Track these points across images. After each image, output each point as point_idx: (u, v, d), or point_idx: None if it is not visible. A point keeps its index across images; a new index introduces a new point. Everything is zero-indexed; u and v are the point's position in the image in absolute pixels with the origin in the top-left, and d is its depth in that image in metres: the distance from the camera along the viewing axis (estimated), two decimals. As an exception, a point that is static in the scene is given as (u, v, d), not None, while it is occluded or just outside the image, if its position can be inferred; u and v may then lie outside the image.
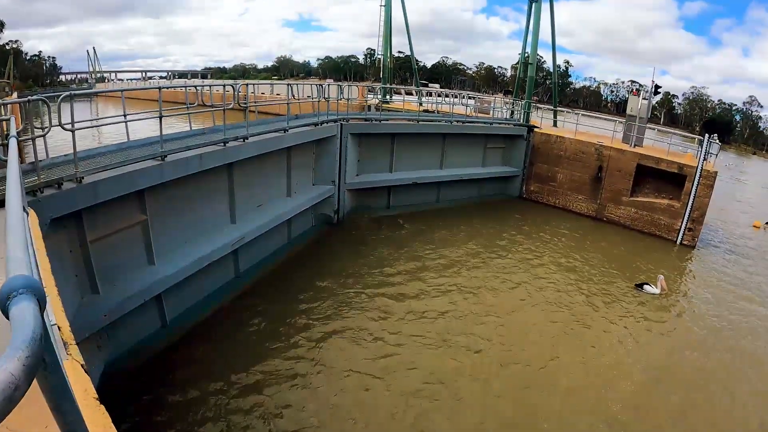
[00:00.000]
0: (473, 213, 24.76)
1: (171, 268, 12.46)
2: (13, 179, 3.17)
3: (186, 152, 12.99)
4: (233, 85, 16.28)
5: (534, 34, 32.19)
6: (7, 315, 1.30)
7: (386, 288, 15.87)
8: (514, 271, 17.97)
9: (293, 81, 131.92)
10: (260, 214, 16.46)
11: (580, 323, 14.73)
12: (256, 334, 13.23)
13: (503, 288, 16.58)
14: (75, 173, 9.91)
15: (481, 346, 13.15)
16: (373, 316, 14.24)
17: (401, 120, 25.24)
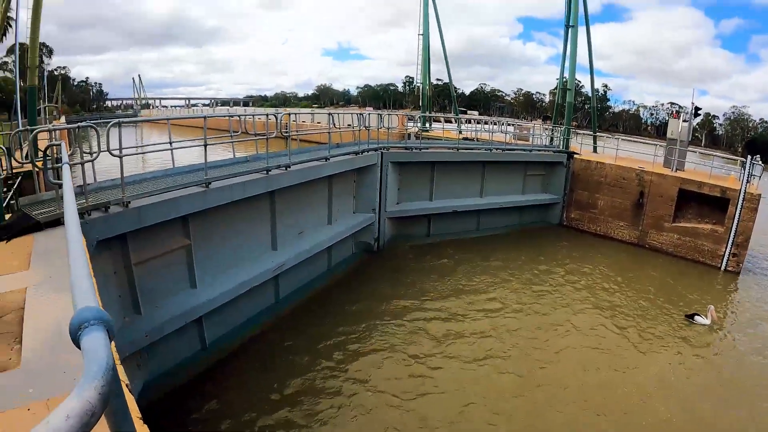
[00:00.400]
0: (513, 241, 24.55)
1: (212, 292, 12.76)
2: (71, 207, 3.33)
3: (230, 179, 13.34)
4: (275, 114, 16.54)
5: (571, 59, 31.74)
6: (78, 344, 1.43)
7: (425, 316, 15.82)
8: (554, 299, 17.72)
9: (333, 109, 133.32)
10: (301, 242, 16.69)
11: (624, 354, 14.31)
12: (294, 358, 13.32)
13: (543, 316, 16.36)
14: (122, 198, 10.32)
15: (519, 375, 12.95)
16: (411, 344, 14.20)
17: (441, 148, 25.32)
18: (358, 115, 21.80)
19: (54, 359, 4.89)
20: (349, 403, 11.50)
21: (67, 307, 5.93)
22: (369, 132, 20.78)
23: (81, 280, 1.80)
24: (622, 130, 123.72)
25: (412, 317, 15.65)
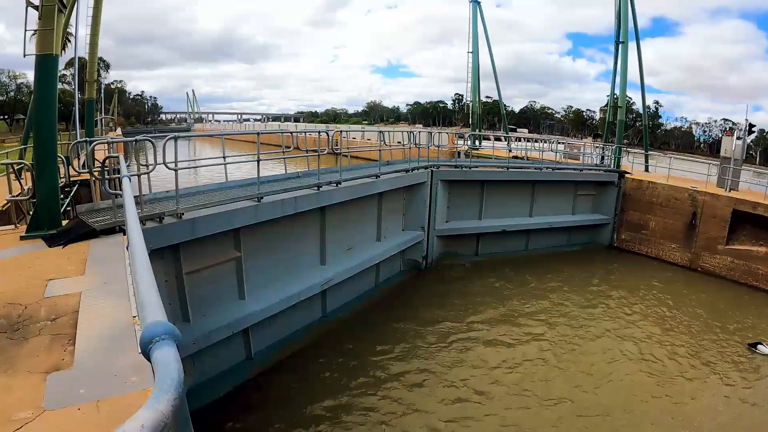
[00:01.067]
0: (562, 262, 23.98)
1: (260, 303, 12.91)
2: (134, 223, 3.37)
3: (282, 194, 13.58)
4: (327, 131, 16.71)
5: (622, 76, 31.41)
6: (148, 357, 1.45)
7: (470, 337, 15.61)
8: (604, 324, 17.20)
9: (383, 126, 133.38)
10: (350, 257, 16.73)
11: (674, 383, 13.65)
12: (338, 371, 13.34)
13: (592, 342, 15.91)
14: (176, 209, 10.65)
15: (565, 400, 12.60)
16: (455, 363, 14.05)
17: (491, 167, 25.14)
18: (408, 132, 21.82)
19: (105, 362, 4.97)
20: (387, 422, 11.43)
21: (119, 312, 6.06)
22: (419, 150, 20.80)
23: (148, 294, 1.84)
24: (674, 148, 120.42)
25: (457, 338, 15.46)
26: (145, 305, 1.75)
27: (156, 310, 1.70)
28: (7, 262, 8.68)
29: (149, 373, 4.57)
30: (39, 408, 4.26)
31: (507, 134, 43.87)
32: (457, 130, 79.02)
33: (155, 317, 1.63)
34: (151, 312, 1.68)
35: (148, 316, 1.67)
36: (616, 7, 31.92)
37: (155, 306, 1.73)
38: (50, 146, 10.77)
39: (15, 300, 6.66)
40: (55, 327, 5.83)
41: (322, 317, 15.84)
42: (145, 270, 2.11)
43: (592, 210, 27.36)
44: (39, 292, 6.91)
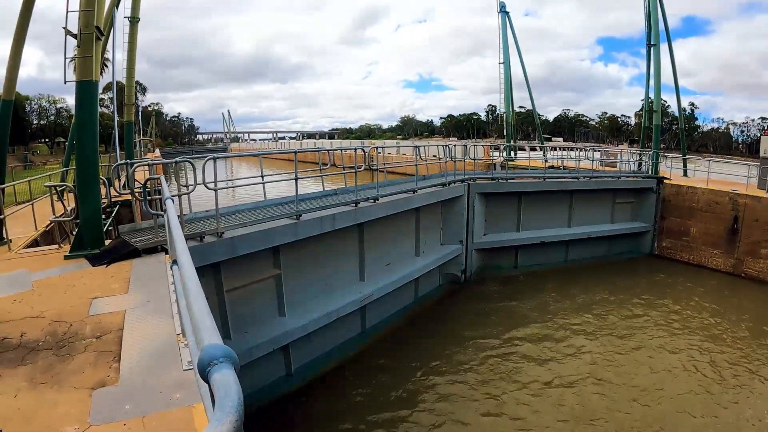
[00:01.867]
0: (603, 273, 23.52)
1: (300, 320, 12.98)
2: (181, 244, 3.40)
3: (320, 212, 13.71)
4: (363, 148, 16.82)
5: (656, 79, 30.97)
6: (206, 379, 1.49)
7: (511, 350, 15.42)
8: (647, 335, 16.73)
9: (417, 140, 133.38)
10: (389, 273, 16.72)
11: (722, 397, 13.04)
12: (377, 387, 13.30)
13: (634, 354, 15.45)
14: (216, 228, 10.84)
15: (607, 417, 12.18)
16: (496, 377, 13.86)
17: (527, 178, 24.93)
18: (443, 146, 21.81)
19: (150, 379, 5.04)
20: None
21: (163, 330, 6.16)
22: (455, 164, 20.77)
23: (203, 316, 1.88)
24: (712, 150, 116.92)
25: (497, 353, 15.26)
26: (200, 328, 1.79)
27: (212, 332, 1.74)
28: (53, 281, 8.87)
29: (193, 391, 4.67)
30: (85, 423, 4.35)
31: (542, 144, 43.56)
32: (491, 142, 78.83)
33: (212, 340, 1.68)
34: (208, 335, 1.72)
35: (204, 338, 1.71)
36: (645, 10, 31.64)
37: (211, 328, 1.78)
38: (92, 169, 11.00)
39: (61, 318, 6.80)
40: (101, 344, 5.93)
41: (361, 333, 15.81)
42: (198, 292, 2.16)
43: (631, 218, 26.84)
44: (84, 310, 7.05)
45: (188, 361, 5.27)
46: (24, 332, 6.46)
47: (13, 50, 13.75)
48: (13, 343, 6.17)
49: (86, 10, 10.45)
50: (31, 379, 5.22)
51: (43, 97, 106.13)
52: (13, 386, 5.02)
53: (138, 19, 29.01)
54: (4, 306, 7.56)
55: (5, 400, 4.69)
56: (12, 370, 5.44)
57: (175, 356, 5.45)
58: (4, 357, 5.74)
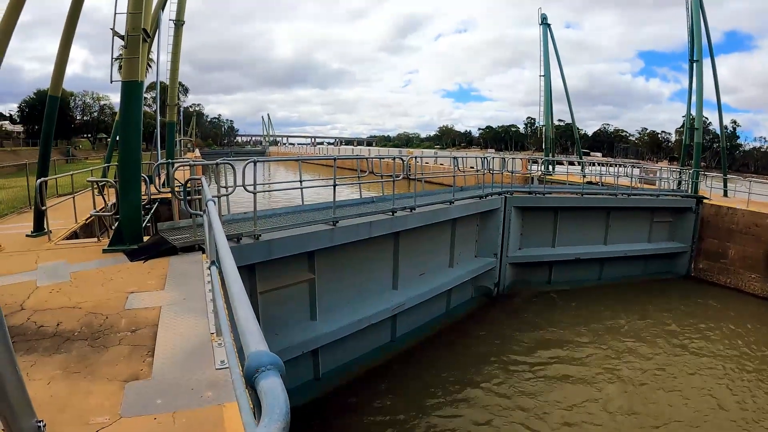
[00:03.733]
0: (637, 293, 22.95)
1: (331, 325, 13.06)
2: (224, 245, 3.42)
3: (356, 219, 13.77)
4: (402, 157, 16.85)
5: (698, 96, 30.14)
6: (253, 385, 1.50)
7: (538, 368, 15.17)
8: (680, 361, 16.18)
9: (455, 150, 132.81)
10: (422, 283, 16.69)
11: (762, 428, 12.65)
12: (403, 396, 13.23)
13: (666, 380, 14.92)
14: (254, 230, 10.98)
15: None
16: (521, 395, 13.66)
17: (565, 193, 24.60)
18: (482, 158, 21.74)
19: (182, 375, 5.07)
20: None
21: (197, 328, 6.21)
22: (493, 176, 20.68)
23: (248, 322, 1.89)
24: (753, 170, 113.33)
25: (524, 369, 15.07)
26: (246, 333, 1.81)
27: (258, 339, 1.76)
28: (91, 273, 9.00)
29: (224, 390, 4.70)
30: (116, 414, 4.39)
31: (581, 159, 43.14)
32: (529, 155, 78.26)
33: (258, 347, 1.70)
34: (254, 341, 1.74)
35: (251, 344, 1.72)
36: (688, 24, 31.05)
37: (257, 335, 1.80)
38: (135, 166, 11.18)
39: (97, 310, 6.89)
40: (135, 338, 5.98)
41: (390, 341, 15.82)
42: (243, 298, 2.17)
43: (668, 237, 26.33)
44: (120, 303, 7.13)
45: (221, 361, 5.30)
46: (60, 322, 6.55)
47: (61, 49, 14.03)
48: (49, 331, 6.26)
49: (134, 13, 10.73)
50: (65, 368, 5.28)
51: (88, 94, 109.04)
52: (47, 374, 5.08)
53: (183, 22, 29.47)
54: (42, 295, 7.68)
55: (39, 387, 4.75)
56: (47, 357, 5.52)
57: (208, 355, 5.48)
58: (39, 345, 5.82)
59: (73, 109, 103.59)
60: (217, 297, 4.93)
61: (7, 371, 1.82)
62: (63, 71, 14.33)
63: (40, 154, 14.20)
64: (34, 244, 12.05)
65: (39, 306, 7.17)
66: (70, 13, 13.82)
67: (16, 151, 63.10)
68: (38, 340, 5.99)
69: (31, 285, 8.28)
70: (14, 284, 8.22)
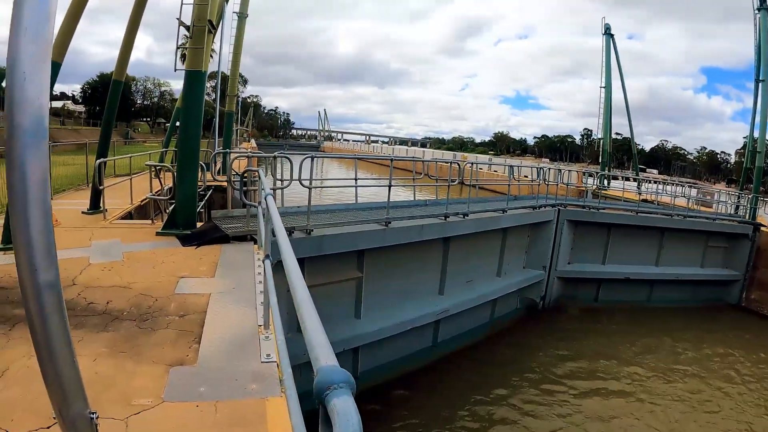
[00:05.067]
0: (685, 319, 22.10)
1: (375, 325, 13.03)
2: (286, 247, 3.36)
3: (409, 221, 13.74)
4: (458, 162, 16.78)
5: (762, 117, 28.98)
6: (323, 402, 1.44)
7: (576, 388, 14.76)
8: (724, 394, 15.44)
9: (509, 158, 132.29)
10: (468, 290, 16.51)
11: None
12: (436, 405, 13.10)
13: (708, 415, 14.18)
14: (306, 225, 11.04)
15: None
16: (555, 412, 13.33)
17: (619, 210, 23.99)
18: (537, 168, 21.50)
19: (227, 365, 5.06)
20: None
21: (245, 319, 6.24)
22: (548, 187, 20.42)
23: (317, 334, 1.84)
24: None
25: (562, 390, 14.64)
26: (316, 346, 1.75)
27: (328, 353, 1.71)
28: (143, 254, 9.13)
29: (268, 384, 4.70)
30: (159, 398, 4.40)
31: (637, 175, 42.35)
32: (584, 167, 77.13)
33: (329, 361, 1.65)
34: (324, 355, 1.69)
35: (320, 358, 1.67)
36: (755, 41, 29.75)
37: (326, 348, 1.74)
38: (193, 153, 11.33)
39: (147, 291, 6.95)
40: (183, 323, 6.01)
41: (431, 346, 15.66)
42: (309, 306, 2.12)
43: (721, 264, 25.27)
44: (170, 287, 7.18)
45: (267, 354, 5.28)
46: (110, 300, 6.63)
47: (127, 36, 14.31)
48: (98, 309, 6.34)
49: (200, 4, 10.89)
50: (111, 347, 5.34)
51: (149, 80, 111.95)
52: (93, 351, 5.14)
53: (246, 15, 29.98)
54: (94, 272, 7.80)
55: (84, 363, 4.72)
56: (94, 334, 5.59)
57: (254, 347, 5.47)
58: (88, 321, 5.90)
59: (134, 93, 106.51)
60: (270, 291, 4.88)
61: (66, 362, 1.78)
62: (128, 57, 14.61)
63: (101, 135, 14.49)
64: (89, 221, 12.32)
65: (90, 283, 7.27)
66: (136, 1, 14.06)
67: (78, 130, 64.67)
68: (87, 316, 6.06)
69: (84, 261, 8.43)
70: (68, 259, 8.34)
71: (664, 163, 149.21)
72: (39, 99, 1.51)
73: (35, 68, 1.48)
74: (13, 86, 1.47)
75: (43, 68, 1.49)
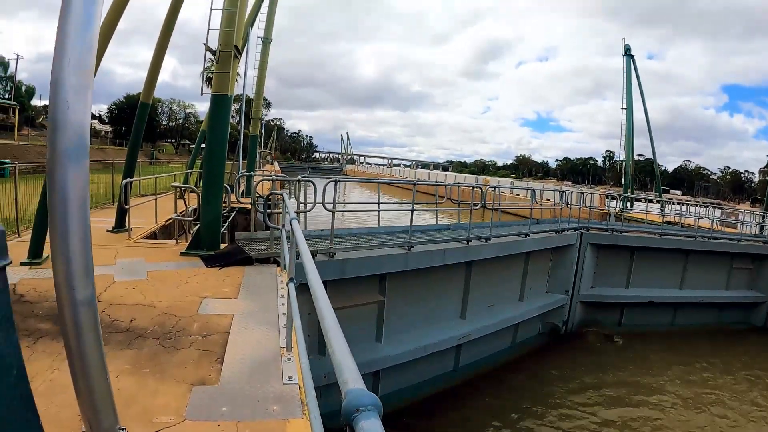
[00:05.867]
0: (710, 343, 21.63)
1: (396, 349, 13.00)
2: (311, 268, 3.42)
3: (431, 245, 13.71)
4: (480, 186, 16.81)
5: None
6: (352, 426, 1.47)
7: (606, 414, 14.49)
8: (752, 417, 15.03)
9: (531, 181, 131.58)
10: (490, 314, 16.42)
11: None
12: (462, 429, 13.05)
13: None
14: (329, 249, 11.13)
15: None
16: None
17: (642, 232, 23.70)
18: (559, 191, 21.44)
19: (249, 386, 5.10)
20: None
21: (268, 340, 6.29)
22: (570, 210, 20.33)
23: (345, 357, 1.88)
24: None
25: (589, 416, 14.36)
26: (344, 369, 1.79)
27: (356, 376, 1.75)
28: (167, 274, 9.24)
29: (290, 406, 4.73)
30: (180, 416, 4.45)
31: (660, 197, 42.07)
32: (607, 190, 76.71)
33: (357, 384, 1.69)
34: (352, 378, 1.74)
35: (348, 381, 1.71)
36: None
37: (354, 371, 1.78)
38: (218, 175, 11.47)
39: (170, 311, 7.04)
40: (206, 343, 6.07)
41: (452, 370, 15.55)
42: (336, 330, 2.16)
43: (747, 285, 24.82)
44: (194, 307, 7.26)
45: (289, 376, 5.32)
46: (134, 318, 6.72)
47: (154, 59, 14.58)
48: (122, 326, 6.43)
49: (227, 30, 11.10)
50: (134, 364, 5.42)
51: (174, 102, 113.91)
52: (116, 367, 5.19)
53: (270, 40, 30.60)
54: (118, 291, 7.91)
55: (107, 379, 4.83)
56: (118, 351, 5.66)
57: (276, 368, 5.51)
58: (112, 338, 5.97)
59: (159, 114, 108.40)
60: (294, 314, 4.94)
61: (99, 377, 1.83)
62: (155, 80, 14.85)
63: (128, 156, 14.72)
64: (114, 239, 12.50)
65: (114, 300, 7.37)
66: (164, 25, 14.35)
67: (103, 149, 65.67)
68: (111, 333, 6.15)
69: (108, 279, 8.55)
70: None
71: (688, 184, 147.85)
72: (81, 126, 1.57)
73: (77, 98, 1.54)
74: (56, 112, 1.54)
75: (85, 97, 1.56)
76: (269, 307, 7.56)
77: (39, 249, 9.80)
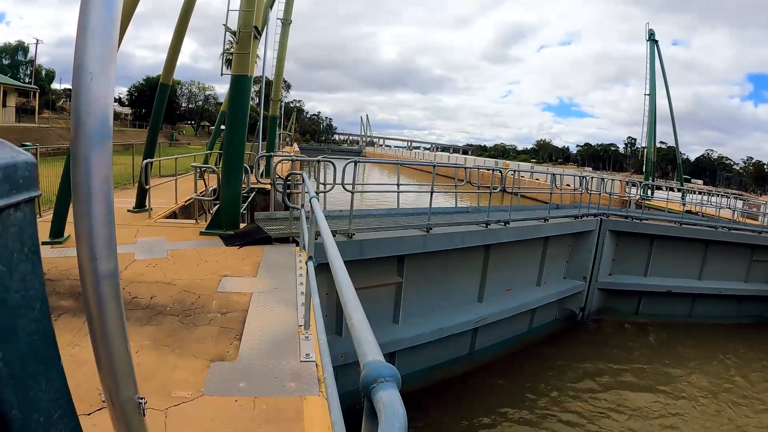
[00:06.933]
0: (728, 336, 21.23)
1: (412, 331, 13.03)
2: (332, 247, 3.40)
3: (450, 228, 13.69)
4: (500, 169, 16.73)
5: None
6: (369, 396, 1.49)
7: (621, 401, 14.45)
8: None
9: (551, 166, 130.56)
10: (508, 299, 16.40)
11: None
12: (472, 414, 13.02)
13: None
14: (348, 229, 11.16)
15: None
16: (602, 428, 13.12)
17: (663, 221, 23.60)
18: (579, 177, 21.31)
19: (267, 362, 5.16)
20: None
21: (286, 318, 6.35)
22: (590, 196, 20.23)
23: (364, 331, 1.89)
24: None
25: (606, 403, 14.31)
26: (363, 342, 1.80)
27: (376, 349, 1.74)
28: (187, 252, 9.33)
29: (307, 383, 4.78)
30: (198, 391, 4.52)
31: (682, 186, 41.68)
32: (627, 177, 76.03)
33: (376, 357, 1.68)
34: (371, 350, 1.73)
35: (367, 353, 1.71)
36: None
37: (373, 344, 1.78)
38: (238, 156, 11.52)
39: (190, 288, 7.11)
40: (225, 320, 6.13)
41: (468, 354, 15.61)
42: (356, 304, 2.16)
43: (765, 279, 24.22)
44: (213, 285, 7.33)
45: (306, 354, 5.39)
46: (154, 295, 6.80)
47: (174, 41, 14.69)
48: (142, 303, 6.51)
49: (246, 11, 11.10)
50: (154, 339, 5.51)
51: (194, 84, 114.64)
52: (136, 343, 5.27)
53: (290, 21, 30.50)
54: (139, 268, 8.00)
55: (127, 354, 4.90)
56: (138, 327, 5.76)
57: (294, 346, 5.58)
58: (132, 314, 6.06)
59: (179, 96, 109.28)
60: (314, 292, 4.97)
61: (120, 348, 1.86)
62: (175, 61, 14.94)
63: (148, 137, 14.84)
64: (135, 219, 12.60)
65: (135, 278, 7.46)
66: (183, 7, 14.38)
67: (123, 131, 66.03)
68: (131, 310, 6.24)
69: (129, 257, 8.65)
70: (114, 255, 8.56)
71: (710, 174, 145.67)
72: (105, 98, 1.59)
73: (102, 69, 1.56)
74: (80, 86, 1.56)
75: (108, 69, 1.58)
76: (287, 286, 7.62)
77: (60, 228, 9.94)
